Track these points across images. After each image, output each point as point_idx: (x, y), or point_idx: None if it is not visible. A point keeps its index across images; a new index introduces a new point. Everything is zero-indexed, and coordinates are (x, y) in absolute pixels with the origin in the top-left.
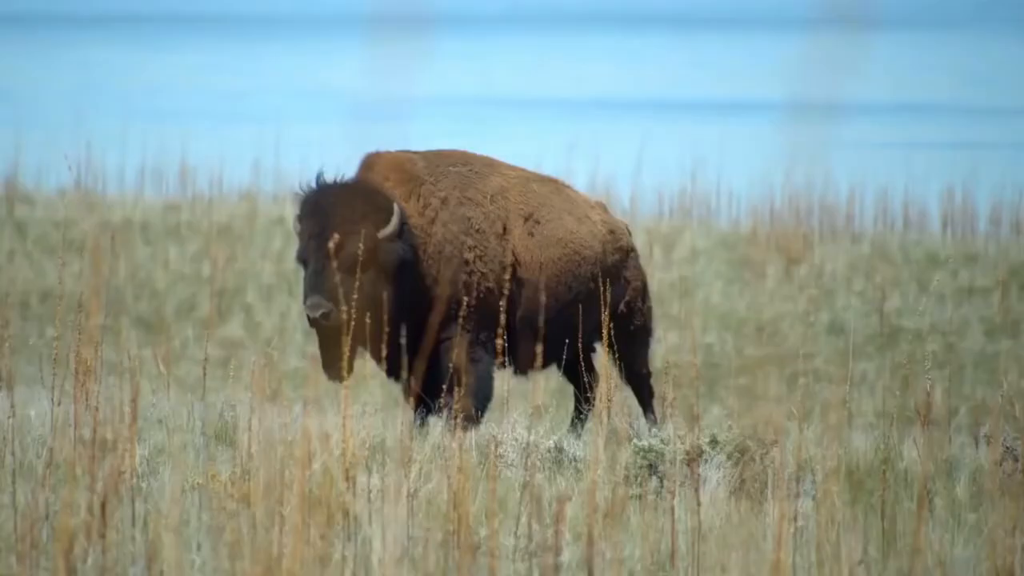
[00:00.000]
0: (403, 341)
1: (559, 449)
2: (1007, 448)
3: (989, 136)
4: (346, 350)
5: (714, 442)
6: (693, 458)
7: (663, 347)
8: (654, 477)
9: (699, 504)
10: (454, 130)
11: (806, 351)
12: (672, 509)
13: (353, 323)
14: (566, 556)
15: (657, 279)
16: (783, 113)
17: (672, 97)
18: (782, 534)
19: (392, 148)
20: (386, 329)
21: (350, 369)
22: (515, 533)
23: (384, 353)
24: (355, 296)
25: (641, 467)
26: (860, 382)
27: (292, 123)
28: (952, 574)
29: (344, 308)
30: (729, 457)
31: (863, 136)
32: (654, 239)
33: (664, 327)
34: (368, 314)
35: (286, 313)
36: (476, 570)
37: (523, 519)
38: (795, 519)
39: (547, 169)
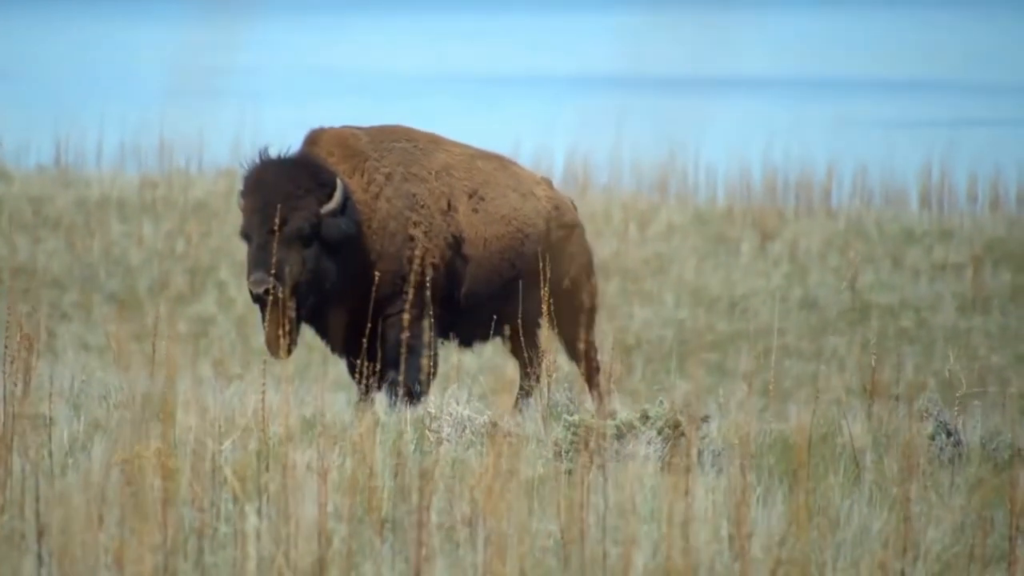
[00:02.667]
0: (348, 317)
1: (493, 424)
2: (940, 422)
3: (969, 113)
4: (265, 325)
5: (645, 417)
6: (603, 434)
7: (635, 323)
8: (584, 452)
9: (605, 479)
10: (433, 107)
11: (777, 327)
12: (584, 483)
13: (297, 299)
14: (480, 530)
15: (631, 255)
16: (766, 89)
17: (653, 73)
18: (670, 509)
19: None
20: (330, 305)
21: (293, 345)
22: (435, 509)
23: (329, 329)
24: (299, 272)
25: (572, 442)
26: (830, 357)
27: (273, 101)
28: (867, 547)
29: (287, 284)
30: (660, 432)
31: (843, 113)
32: (630, 215)
33: (637, 303)
34: (312, 290)
35: None
36: (385, 545)
37: (437, 495)
38: (687, 493)
39: (526, 146)
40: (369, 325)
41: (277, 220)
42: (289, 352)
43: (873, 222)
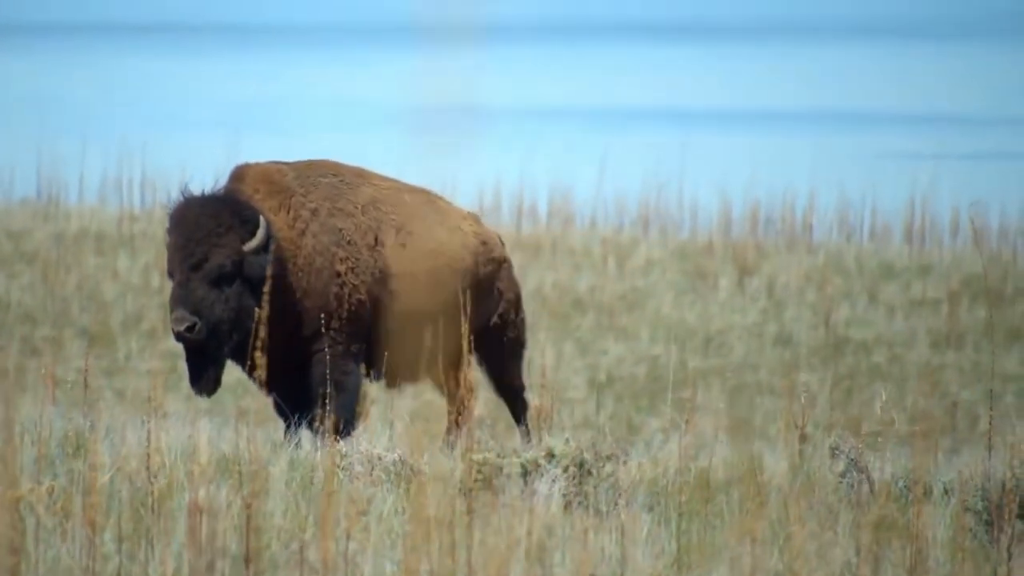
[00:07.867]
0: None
1: (403, 462)
2: (851, 460)
3: (952, 147)
4: (187, 362)
5: (550, 455)
6: (481, 477)
7: (608, 359)
8: (488, 491)
9: (471, 516)
10: (405, 139)
11: (751, 363)
12: (458, 523)
13: (220, 337)
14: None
15: (608, 290)
16: (748, 124)
17: (638, 106)
18: (532, 548)
19: (326, 159)
20: (255, 342)
21: (216, 383)
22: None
23: (254, 366)
24: (221, 309)
25: (476, 480)
26: (802, 394)
27: (257, 133)
28: None
29: (209, 321)
30: (565, 471)
31: (828, 146)
32: (609, 250)
33: (612, 339)
34: (235, 327)
35: None
36: None
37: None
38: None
39: (509, 179)
40: (294, 362)
41: (198, 257)
42: (213, 391)
43: (853, 257)
